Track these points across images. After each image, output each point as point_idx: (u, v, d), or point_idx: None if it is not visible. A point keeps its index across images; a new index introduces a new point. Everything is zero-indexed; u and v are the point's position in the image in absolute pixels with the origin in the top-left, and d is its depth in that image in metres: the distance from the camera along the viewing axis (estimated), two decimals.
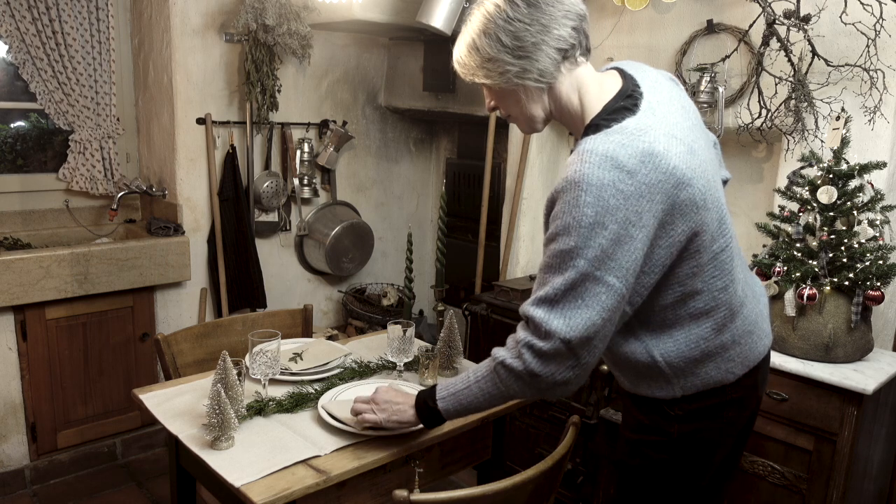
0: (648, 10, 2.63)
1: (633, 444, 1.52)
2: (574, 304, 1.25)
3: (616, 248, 1.22)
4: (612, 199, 1.21)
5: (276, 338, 1.77)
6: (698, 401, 1.43)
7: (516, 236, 3.28)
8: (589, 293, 1.24)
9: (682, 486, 1.51)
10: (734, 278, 1.40)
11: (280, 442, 1.58)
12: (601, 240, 1.22)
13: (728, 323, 1.40)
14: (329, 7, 3.03)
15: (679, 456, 1.47)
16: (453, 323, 2.03)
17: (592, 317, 1.24)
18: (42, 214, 3.19)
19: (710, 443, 1.47)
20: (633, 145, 1.25)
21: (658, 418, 1.46)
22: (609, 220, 1.21)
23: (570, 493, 2.61)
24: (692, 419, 1.44)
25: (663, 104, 1.36)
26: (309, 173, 3.53)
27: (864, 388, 1.87)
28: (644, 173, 1.23)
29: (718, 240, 1.35)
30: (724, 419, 1.46)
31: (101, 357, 2.99)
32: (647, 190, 1.23)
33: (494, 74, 1.37)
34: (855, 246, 1.97)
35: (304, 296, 3.68)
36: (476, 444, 1.87)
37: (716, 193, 1.36)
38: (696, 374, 1.41)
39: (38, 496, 2.81)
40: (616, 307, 1.26)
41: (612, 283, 1.24)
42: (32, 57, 2.98)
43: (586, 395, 2.54)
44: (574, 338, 1.25)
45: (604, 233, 1.22)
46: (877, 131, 2.13)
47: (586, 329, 1.25)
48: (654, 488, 1.52)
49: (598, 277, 1.23)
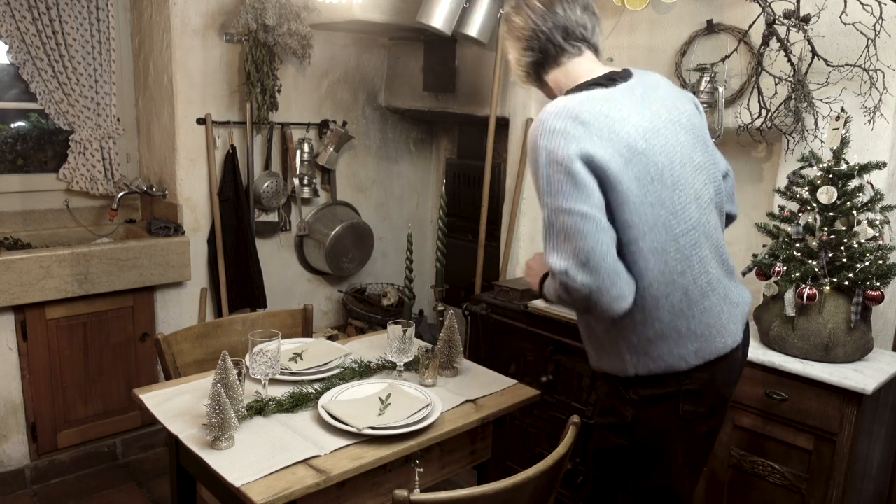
0: (648, 10, 2.63)
1: (598, 428, 1.63)
2: (559, 239, 1.38)
3: (568, 178, 1.37)
4: (561, 140, 1.37)
5: (276, 338, 1.77)
6: (651, 385, 1.51)
7: (516, 236, 3.28)
8: (563, 224, 1.37)
9: (641, 477, 1.57)
10: (693, 266, 1.48)
11: (280, 442, 1.58)
12: (556, 175, 1.37)
13: (685, 309, 1.48)
14: (329, 7, 3.03)
15: (636, 443, 1.54)
16: (453, 323, 2.03)
17: (577, 245, 1.36)
18: (42, 214, 3.19)
19: (664, 434, 1.52)
20: (590, 102, 1.43)
21: (616, 401, 1.55)
22: (560, 157, 1.37)
23: (570, 493, 2.61)
24: (646, 405, 1.52)
25: (648, 94, 1.51)
26: (309, 173, 3.54)
27: (863, 388, 1.87)
28: (598, 126, 1.39)
29: (679, 224, 1.46)
30: (678, 411, 1.51)
31: (102, 357, 2.99)
32: (598, 139, 1.38)
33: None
34: (855, 246, 1.97)
35: (304, 296, 3.68)
36: (476, 444, 1.87)
37: (684, 179, 1.48)
38: (648, 353, 1.49)
39: (39, 496, 2.81)
40: (598, 230, 1.36)
41: (583, 211, 1.36)
42: (32, 57, 2.98)
43: (586, 395, 2.54)
44: (568, 267, 1.37)
45: (557, 168, 1.37)
46: (877, 131, 2.13)
47: (575, 256, 1.36)
48: (613, 474, 1.60)
49: (568, 210, 1.36)
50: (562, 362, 2.61)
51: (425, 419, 1.67)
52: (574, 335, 2.52)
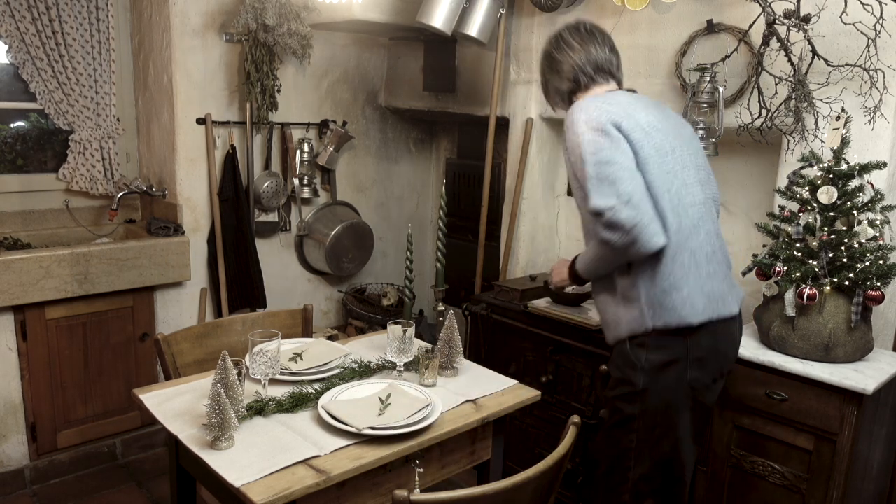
0: (648, 10, 2.63)
1: (610, 402, 1.82)
2: (602, 185, 1.64)
3: (605, 138, 1.68)
4: (594, 112, 1.72)
5: (276, 338, 1.77)
6: (662, 350, 1.71)
7: (516, 236, 3.28)
8: (607, 175, 1.64)
9: (651, 446, 1.75)
10: (700, 235, 1.75)
11: (280, 442, 1.58)
12: (594, 137, 1.68)
13: (693, 268, 1.72)
14: (329, 7, 3.03)
15: (647, 411, 1.73)
16: (453, 323, 2.03)
17: (621, 188, 1.62)
18: (42, 214, 3.19)
19: (673, 401, 1.72)
20: (614, 96, 1.82)
21: (628, 369, 1.75)
22: (594, 125, 1.70)
23: (570, 493, 2.61)
24: (656, 371, 1.71)
25: (656, 105, 1.86)
26: (309, 173, 3.53)
27: (864, 388, 1.87)
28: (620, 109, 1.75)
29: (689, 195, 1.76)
30: (686, 378, 1.72)
31: (101, 357, 2.99)
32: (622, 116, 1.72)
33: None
34: (855, 246, 1.97)
35: (304, 296, 3.68)
36: (476, 444, 1.87)
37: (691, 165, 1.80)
38: (663, 304, 1.70)
39: (38, 496, 2.81)
40: (634, 177, 1.65)
41: (622, 161, 1.65)
42: (32, 57, 2.98)
43: (586, 395, 2.54)
44: (614, 204, 1.62)
45: (594, 132, 1.69)
46: (877, 131, 2.13)
47: (619, 196, 1.62)
48: (625, 445, 1.77)
49: (606, 160, 1.65)
50: (562, 362, 2.61)
51: (425, 419, 1.67)
52: (574, 335, 2.53)
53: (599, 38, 1.91)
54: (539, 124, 3.18)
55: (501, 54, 3.15)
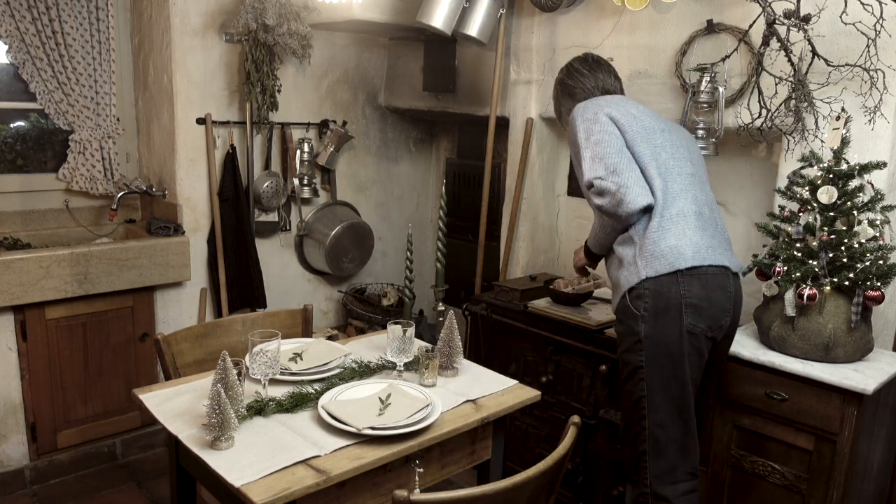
0: (648, 10, 2.63)
1: (620, 360, 1.98)
2: (595, 160, 1.90)
3: (596, 125, 1.95)
4: (592, 105, 2.02)
5: (276, 338, 1.77)
6: (657, 297, 1.86)
7: (516, 236, 3.28)
8: (597, 152, 1.90)
9: (663, 390, 1.88)
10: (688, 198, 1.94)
11: (280, 442, 1.58)
12: (587, 125, 1.96)
13: (681, 220, 1.90)
14: (329, 7, 3.03)
15: (652, 356, 1.88)
16: (453, 323, 2.03)
17: (607, 161, 1.88)
18: (42, 214, 3.19)
19: (674, 345, 1.87)
20: (607, 96, 2.16)
21: (630, 321, 1.91)
22: (588, 115, 1.98)
23: (570, 493, 2.61)
24: (654, 318, 1.87)
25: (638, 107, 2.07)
26: (309, 173, 3.53)
27: (864, 388, 1.87)
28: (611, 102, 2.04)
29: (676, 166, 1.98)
30: (681, 323, 1.86)
31: (101, 357, 2.99)
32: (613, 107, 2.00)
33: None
34: (855, 246, 1.97)
35: (304, 296, 3.68)
36: (476, 444, 1.87)
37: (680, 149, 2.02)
38: (654, 254, 1.87)
39: (38, 496, 2.81)
40: (620, 151, 1.90)
41: (604, 140, 1.91)
42: (32, 57, 2.98)
43: (586, 395, 2.54)
44: (601, 173, 1.88)
45: (586, 121, 1.97)
46: (877, 131, 2.13)
47: (605, 167, 1.88)
48: (638, 395, 1.91)
49: (597, 140, 1.91)
50: (562, 362, 2.61)
51: (425, 419, 1.67)
52: (574, 335, 2.53)
53: (605, 67, 2.21)
54: (539, 124, 3.18)
55: (501, 54, 3.15)
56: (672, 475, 1.92)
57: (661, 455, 1.92)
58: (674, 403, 1.89)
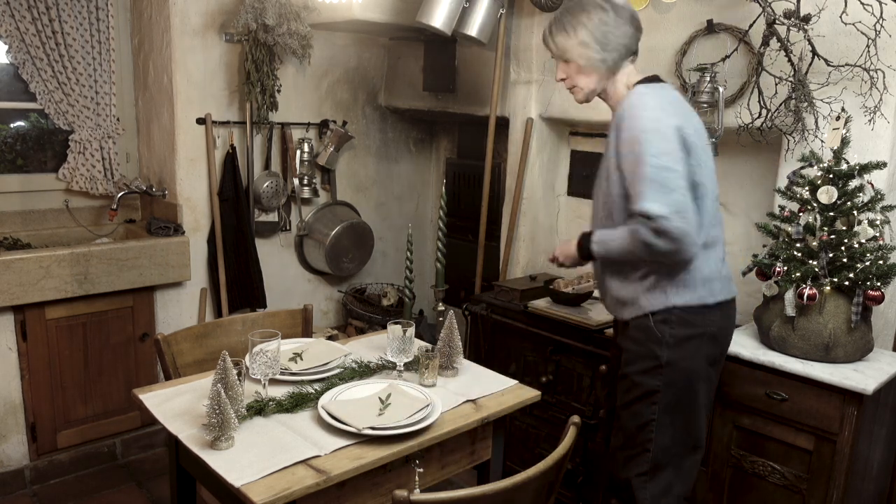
0: (648, 10, 2.63)
1: (628, 378, 1.87)
2: (658, 190, 1.68)
3: (667, 143, 1.71)
4: (660, 113, 1.75)
5: (276, 338, 1.77)
6: (684, 326, 1.80)
7: (516, 236, 3.28)
8: (665, 180, 1.68)
9: (672, 417, 1.83)
10: (717, 226, 1.86)
11: (280, 442, 1.58)
12: (658, 140, 1.71)
13: (712, 254, 1.83)
14: (329, 7, 3.03)
15: (669, 383, 1.81)
16: (453, 323, 2.03)
17: (676, 196, 1.68)
18: (42, 214, 3.19)
19: (692, 373, 1.82)
20: (670, 91, 1.86)
21: (651, 344, 1.82)
22: (661, 126, 1.73)
23: (570, 493, 2.61)
24: (679, 345, 1.80)
25: (695, 115, 1.89)
26: (309, 173, 3.53)
27: (864, 388, 1.87)
28: (680, 104, 1.83)
29: (716, 190, 1.85)
30: (703, 352, 1.82)
31: (101, 357, 2.99)
32: (678, 112, 1.78)
33: (584, 56, 1.87)
34: (855, 246, 1.97)
35: (304, 296, 3.68)
36: (476, 444, 1.86)
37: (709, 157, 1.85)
38: (687, 285, 1.79)
39: (38, 496, 2.81)
40: (687, 190, 1.70)
41: (681, 171, 1.70)
42: (32, 57, 2.98)
43: (586, 395, 2.54)
44: (669, 213, 1.66)
45: (658, 135, 1.71)
46: (877, 131, 2.13)
47: (676, 204, 1.67)
48: (645, 418, 1.84)
49: (665, 166, 1.69)
50: (562, 362, 2.61)
51: (425, 419, 1.67)
52: (574, 335, 2.53)
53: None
54: (539, 124, 3.18)
55: (501, 54, 3.15)
56: (667, 497, 1.88)
57: (660, 478, 1.87)
58: (685, 429, 1.85)
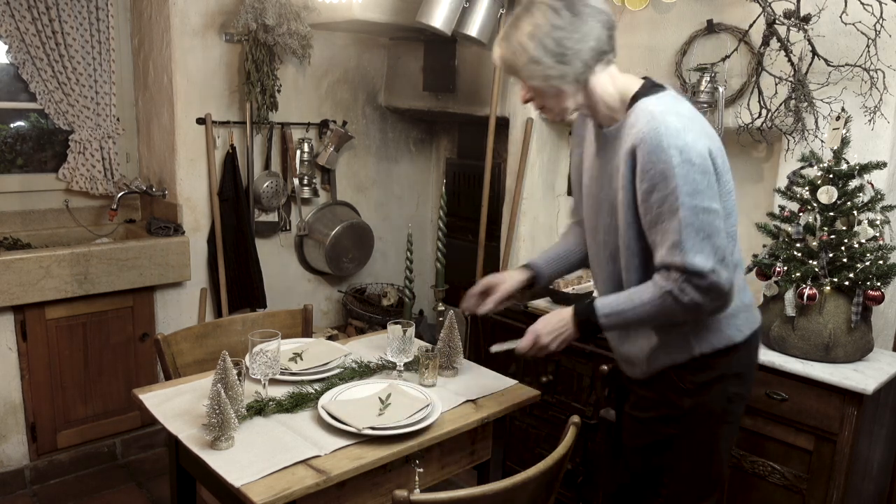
0: (648, 10, 2.63)
1: (645, 425, 1.69)
2: (700, 238, 1.40)
3: (703, 177, 1.41)
4: (688, 136, 1.41)
5: (276, 338, 1.77)
6: (706, 369, 1.59)
7: (516, 236, 3.28)
8: (706, 223, 1.40)
9: (690, 463, 1.66)
10: (736, 245, 1.58)
11: (280, 442, 1.58)
12: (693, 174, 1.40)
13: (737, 283, 1.54)
14: (329, 7, 3.03)
15: (689, 430, 1.63)
16: (453, 323, 2.03)
17: (718, 241, 1.42)
18: (42, 214, 3.19)
19: (714, 418, 1.62)
20: (681, 103, 1.50)
21: (671, 393, 1.61)
22: (693, 155, 1.40)
23: (570, 493, 2.61)
24: (701, 391, 1.59)
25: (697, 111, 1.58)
26: (309, 173, 3.53)
27: (864, 388, 1.87)
28: (699, 118, 1.49)
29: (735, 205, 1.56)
30: (727, 394, 1.62)
31: (101, 357, 2.99)
32: (708, 131, 1.48)
33: (536, 75, 1.50)
34: (855, 246, 1.97)
35: (304, 296, 3.68)
36: (476, 444, 1.87)
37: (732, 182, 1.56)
38: (710, 328, 1.56)
39: (38, 496, 2.81)
40: (722, 225, 1.44)
41: (717, 209, 1.42)
42: (32, 57, 2.98)
43: (586, 395, 2.54)
44: (715, 265, 1.40)
45: (692, 168, 1.40)
46: (877, 131, 2.13)
47: (716, 254, 1.41)
48: (659, 464, 1.69)
49: (705, 208, 1.40)
50: (562, 362, 2.61)
51: (425, 419, 1.67)
52: None
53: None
54: (539, 124, 3.18)
55: None
56: None
57: None
58: (703, 475, 1.69)
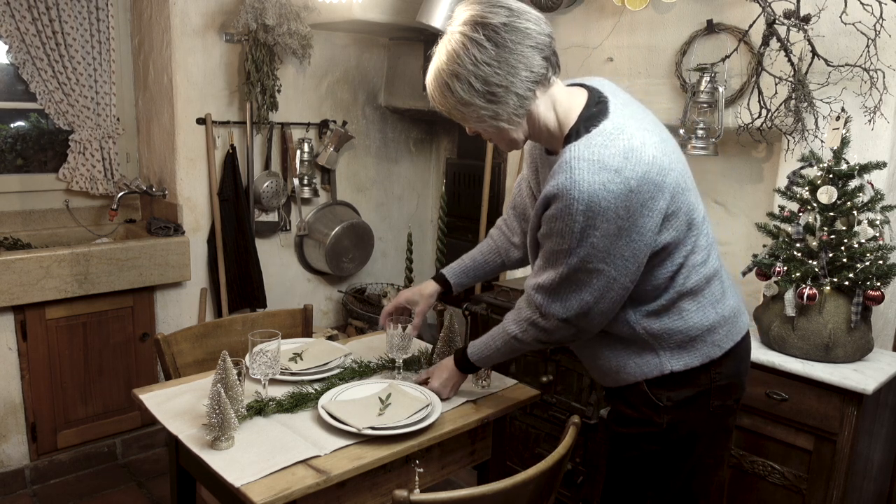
0: (648, 10, 2.63)
1: (621, 437, 1.63)
2: (568, 290, 1.42)
3: (609, 242, 1.34)
4: (603, 200, 1.30)
5: (276, 338, 1.77)
6: (684, 385, 1.52)
7: None
8: (581, 281, 1.40)
9: (672, 477, 1.60)
10: (712, 253, 1.52)
11: (280, 442, 1.58)
12: (592, 239, 1.34)
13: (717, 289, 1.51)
14: (329, 7, 3.03)
15: (669, 446, 1.56)
16: (453, 323, 2.03)
17: (585, 298, 1.41)
18: (42, 214, 3.19)
19: (697, 432, 1.56)
20: (613, 145, 1.33)
21: (646, 409, 1.55)
22: (600, 221, 1.32)
23: (570, 493, 2.61)
24: (680, 407, 1.53)
25: (628, 104, 1.45)
26: (309, 173, 3.53)
27: (864, 388, 1.87)
28: (630, 168, 1.31)
29: (701, 213, 1.48)
30: (709, 408, 1.55)
31: (101, 357, 2.99)
32: (635, 184, 1.31)
33: (470, 117, 1.43)
34: (855, 246, 1.97)
35: (304, 296, 3.68)
36: (476, 444, 1.87)
37: (691, 179, 1.48)
38: (685, 347, 1.50)
39: (38, 496, 2.81)
40: (609, 287, 1.39)
41: (603, 269, 1.37)
42: (32, 57, 2.98)
43: (586, 395, 2.54)
44: (570, 316, 1.44)
45: (595, 233, 1.33)
46: (877, 131, 2.13)
47: (580, 308, 1.43)
48: (642, 479, 1.62)
49: (589, 269, 1.38)
50: (562, 362, 2.61)
51: (425, 419, 1.67)
52: None
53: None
54: None
55: None
56: None
57: None
58: (687, 490, 1.63)
